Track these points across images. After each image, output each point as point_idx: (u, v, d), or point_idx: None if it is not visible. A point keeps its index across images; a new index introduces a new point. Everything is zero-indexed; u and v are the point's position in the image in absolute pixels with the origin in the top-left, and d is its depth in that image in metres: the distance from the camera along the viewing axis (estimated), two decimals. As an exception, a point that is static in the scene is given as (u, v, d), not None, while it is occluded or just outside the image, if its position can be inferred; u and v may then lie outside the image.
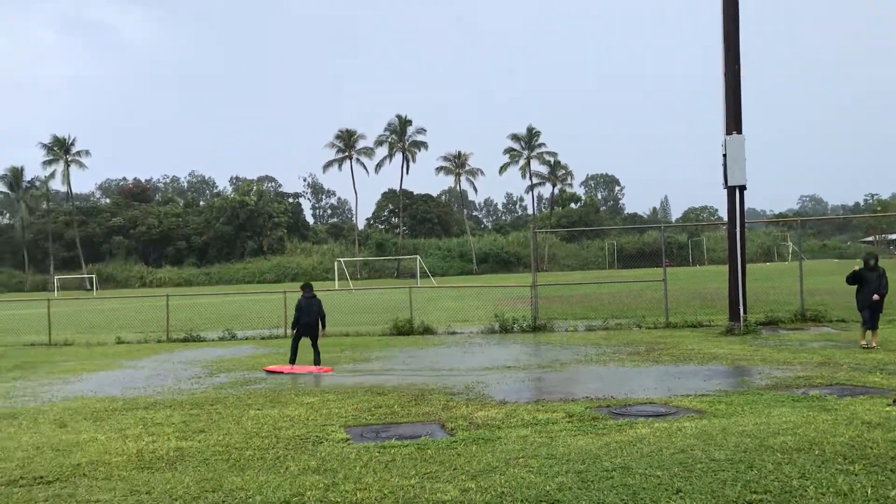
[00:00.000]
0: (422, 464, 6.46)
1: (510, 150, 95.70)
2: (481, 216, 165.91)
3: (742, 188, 16.86)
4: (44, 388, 12.31)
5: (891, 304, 15.66)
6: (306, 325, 13.95)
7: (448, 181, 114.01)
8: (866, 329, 13.55)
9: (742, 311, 16.72)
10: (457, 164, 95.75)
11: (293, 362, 13.65)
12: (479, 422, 8.16)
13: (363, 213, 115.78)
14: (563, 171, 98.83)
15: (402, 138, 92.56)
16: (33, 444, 7.82)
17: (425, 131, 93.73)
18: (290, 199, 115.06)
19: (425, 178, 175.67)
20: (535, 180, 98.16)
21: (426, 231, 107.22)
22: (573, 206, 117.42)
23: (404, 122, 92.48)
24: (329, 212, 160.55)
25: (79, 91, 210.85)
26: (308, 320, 13.96)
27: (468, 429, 7.85)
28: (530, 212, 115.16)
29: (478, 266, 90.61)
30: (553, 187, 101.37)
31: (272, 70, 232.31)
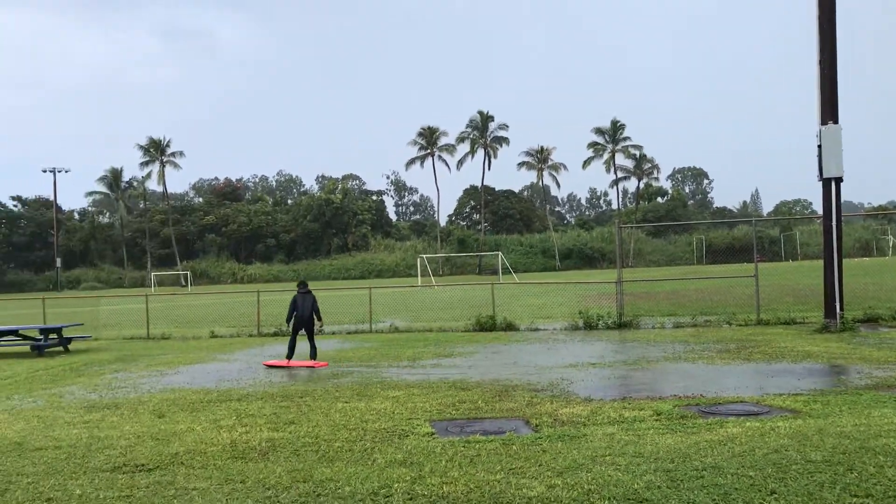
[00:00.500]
0: (507, 459, 6.47)
1: (594, 144, 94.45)
2: (564, 211, 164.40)
3: (838, 180, 16.17)
4: (143, 379, 12.88)
5: None
6: (301, 319, 14.35)
7: (530, 176, 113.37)
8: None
9: (838, 307, 16.05)
10: (539, 159, 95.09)
11: (290, 357, 14.07)
12: (565, 419, 8.11)
13: (445, 209, 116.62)
14: (649, 165, 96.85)
15: (483, 134, 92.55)
16: (134, 434, 8.19)
17: (507, 127, 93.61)
18: (374, 197, 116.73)
19: (507, 173, 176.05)
20: (620, 174, 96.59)
21: (508, 227, 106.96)
22: (659, 200, 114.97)
23: (486, 118, 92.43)
24: (412, 209, 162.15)
25: (174, 94, 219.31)
26: (302, 314, 14.36)
27: (553, 425, 7.81)
28: (615, 206, 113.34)
29: (561, 262, 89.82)
30: (638, 181, 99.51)
31: (356, 70, 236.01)
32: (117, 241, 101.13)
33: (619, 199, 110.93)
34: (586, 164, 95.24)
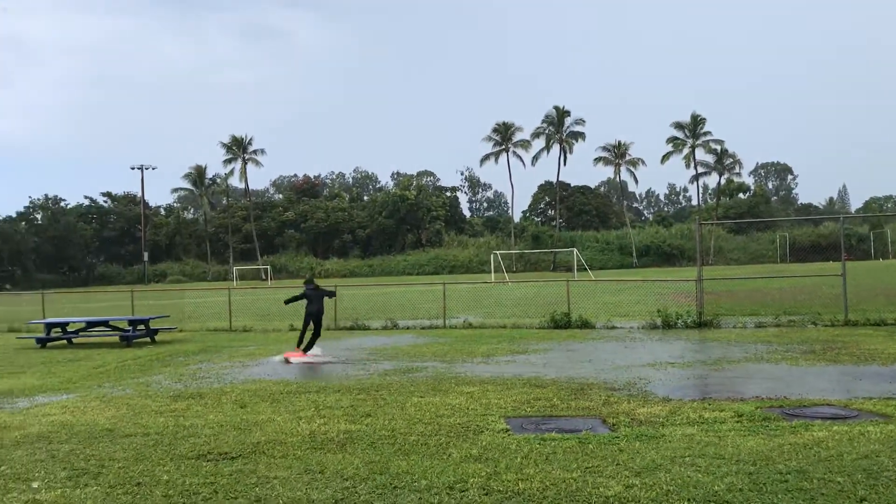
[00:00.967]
0: (583, 458, 6.42)
1: (673, 139, 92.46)
2: (642, 207, 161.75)
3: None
4: (225, 370, 13.27)
5: None
6: (313, 313, 15.07)
7: (607, 172, 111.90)
8: None
9: (935, 309, 15.29)
10: (616, 154, 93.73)
11: (307, 350, 14.82)
12: (642, 418, 7.99)
13: (519, 205, 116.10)
14: (731, 160, 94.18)
15: (559, 130, 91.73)
16: (218, 423, 8.45)
17: (584, 122, 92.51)
18: (448, 193, 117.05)
19: (583, 169, 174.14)
20: (701, 170, 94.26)
21: (584, 223, 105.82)
22: (741, 196, 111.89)
23: (562, 114, 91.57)
24: (485, 205, 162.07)
25: (256, 93, 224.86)
26: (315, 308, 15.09)
27: (630, 425, 7.70)
28: (695, 203, 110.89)
29: (638, 259, 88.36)
30: (720, 177, 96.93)
31: (432, 67, 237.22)
32: (201, 236, 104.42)
33: (699, 195, 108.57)
34: (665, 159, 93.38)
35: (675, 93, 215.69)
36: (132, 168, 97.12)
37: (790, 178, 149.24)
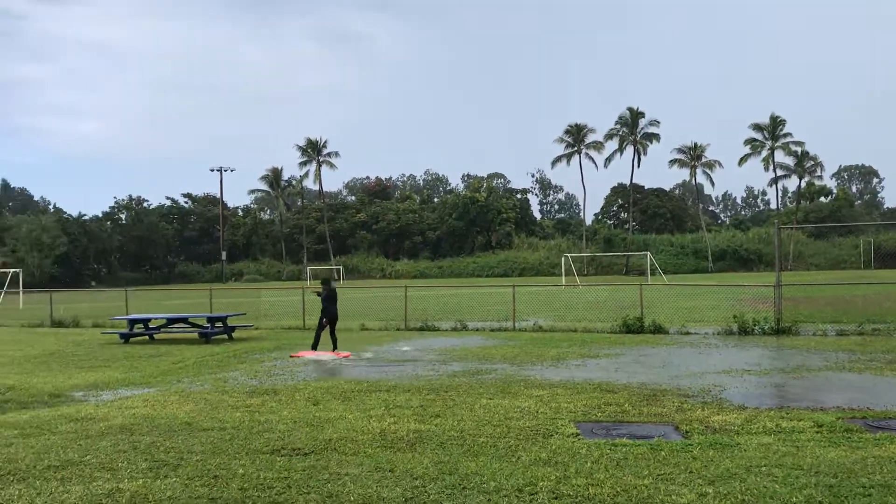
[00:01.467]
0: (655, 465, 6.32)
1: (751, 141, 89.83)
2: (718, 211, 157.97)
3: None
4: (299, 368, 13.55)
5: None
6: (335, 313, 16.15)
7: (682, 174, 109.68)
8: None
9: None
10: (692, 155, 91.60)
11: (336, 348, 15.66)
12: (717, 426, 7.81)
13: (591, 208, 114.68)
14: (812, 163, 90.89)
15: (633, 131, 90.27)
16: (291, 419, 8.64)
17: (658, 123, 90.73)
18: (518, 195, 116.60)
19: (657, 171, 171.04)
20: (780, 172, 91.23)
21: (658, 226, 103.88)
22: (823, 199, 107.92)
23: (636, 115, 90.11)
24: (556, 207, 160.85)
25: (330, 96, 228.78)
26: (335, 308, 16.20)
27: (704, 433, 7.54)
28: (773, 206, 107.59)
29: (713, 264, 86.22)
30: (800, 180, 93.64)
31: (503, 70, 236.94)
32: (276, 237, 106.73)
33: (779, 199, 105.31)
34: (742, 161, 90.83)
35: (754, 93, 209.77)
36: (211, 170, 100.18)
37: (875, 181, 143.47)
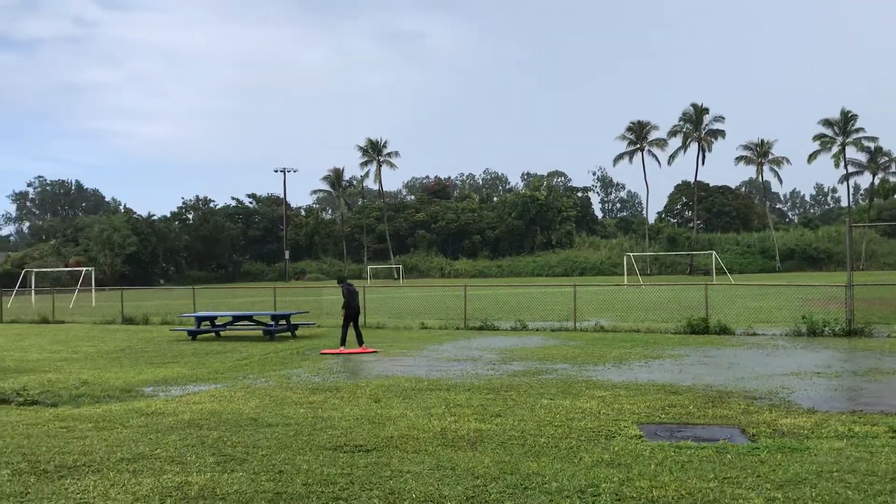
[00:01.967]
0: (721, 468, 6.19)
1: (821, 137, 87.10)
2: (786, 209, 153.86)
3: None
4: (360, 366, 13.70)
5: None
6: (355, 311, 16.42)
7: (749, 171, 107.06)
8: None
9: None
10: (759, 152, 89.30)
11: (343, 346, 15.93)
12: (785, 429, 7.61)
13: (654, 206, 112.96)
14: (886, 159, 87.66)
15: (697, 128, 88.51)
16: (353, 416, 8.74)
17: (723, 119, 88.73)
18: (579, 194, 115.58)
19: (723, 168, 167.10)
20: (851, 169, 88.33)
21: (723, 225, 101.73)
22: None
23: (700, 111, 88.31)
24: (618, 205, 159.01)
25: (390, 96, 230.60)
26: (357, 305, 16.46)
27: (772, 436, 7.35)
28: (844, 204, 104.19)
29: (781, 263, 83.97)
30: (873, 176, 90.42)
31: (563, 67, 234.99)
32: (338, 236, 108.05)
33: (850, 196, 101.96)
34: (812, 157, 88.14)
35: (824, 88, 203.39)
36: (275, 171, 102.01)
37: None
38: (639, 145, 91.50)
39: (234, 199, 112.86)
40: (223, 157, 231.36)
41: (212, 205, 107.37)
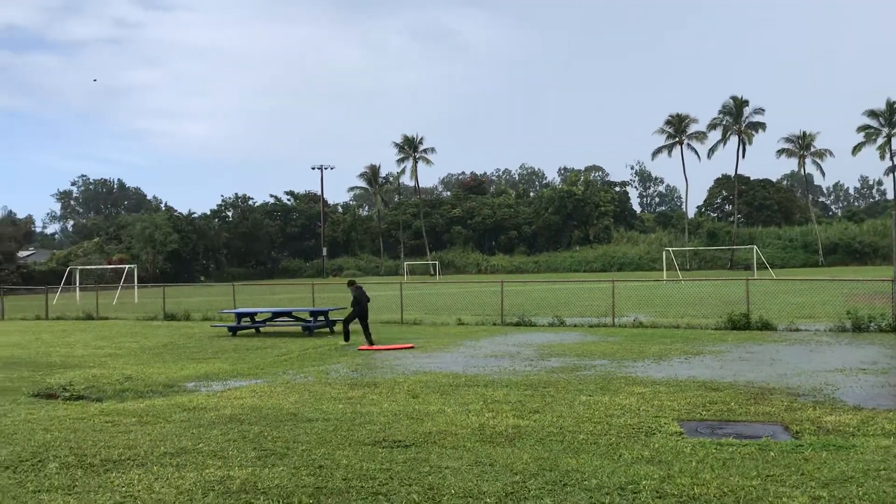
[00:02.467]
0: (764, 465, 6.09)
1: (866, 128, 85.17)
2: (829, 202, 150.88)
3: None
4: (397, 361, 13.75)
5: None
6: (365, 312, 16.71)
7: (790, 164, 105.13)
8: None
9: None
10: (801, 145, 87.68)
11: (372, 342, 16.25)
12: (830, 427, 7.47)
13: (693, 200, 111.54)
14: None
15: (737, 120, 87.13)
16: (392, 412, 8.78)
17: (763, 111, 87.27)
18: (617, 188, 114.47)
19: (764, 161, 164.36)
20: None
21: (764, 219, 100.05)
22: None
23: (740, 104, 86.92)
24: (657, 200, 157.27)
25: (426, 93, 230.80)
26: (366, 305, 16.82)
27: (816, 433, 7.23)
28: (890, 196, 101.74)
29: (824, 257, 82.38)
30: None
31: (600, 61, 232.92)
32: (375, 233, 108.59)
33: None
34: (856, 149, 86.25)
35: (870, 80, 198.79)
36: (312, 168, 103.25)
37: None
38: (678, 139, 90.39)
39: (272, 196, 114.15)
40: (261, 155, 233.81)
41: (250, 202, 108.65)
